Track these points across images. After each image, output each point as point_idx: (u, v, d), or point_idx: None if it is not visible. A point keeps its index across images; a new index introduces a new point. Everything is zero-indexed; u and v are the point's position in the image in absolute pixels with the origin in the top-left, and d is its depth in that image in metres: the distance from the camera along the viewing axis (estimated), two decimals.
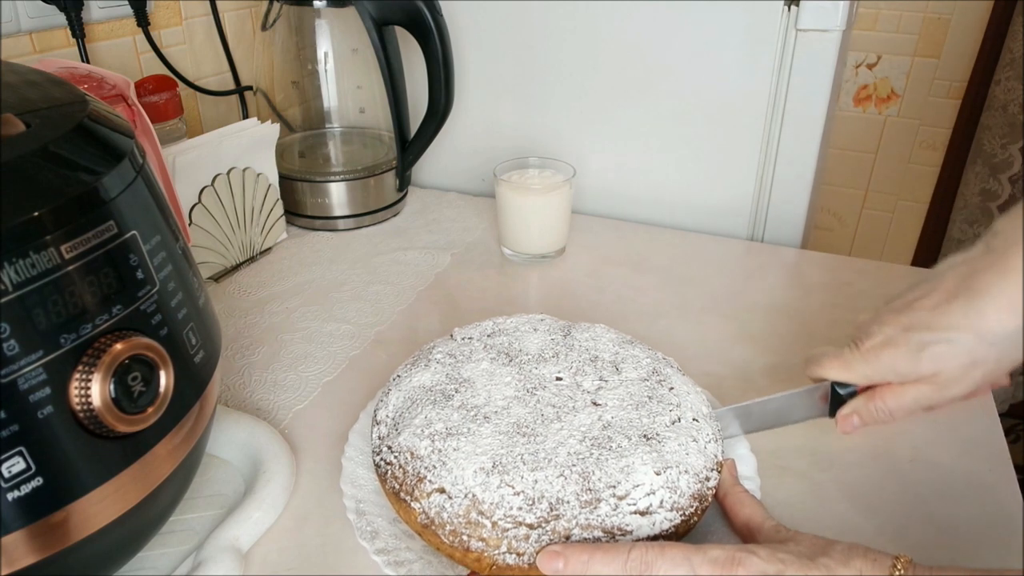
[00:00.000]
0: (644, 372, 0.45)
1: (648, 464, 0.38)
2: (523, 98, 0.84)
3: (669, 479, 0.38)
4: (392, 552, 0.40)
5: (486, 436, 0.40)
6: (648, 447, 0.39)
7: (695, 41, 0.74)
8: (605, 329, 0.50)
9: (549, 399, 0.43)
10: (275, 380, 0.57)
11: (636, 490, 0.37)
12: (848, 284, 0.70)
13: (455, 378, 0.45)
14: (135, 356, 0.31)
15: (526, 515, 0.37)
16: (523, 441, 0.39)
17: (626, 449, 0.39)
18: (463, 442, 0.40)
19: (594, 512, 0.37)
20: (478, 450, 0.39)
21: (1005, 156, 1.35)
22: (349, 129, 0.87)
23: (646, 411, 0.42)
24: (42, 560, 0.29)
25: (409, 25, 0.72)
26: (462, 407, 0.42)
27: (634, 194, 0.84)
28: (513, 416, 0.41)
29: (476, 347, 0.48)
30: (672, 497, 0.38)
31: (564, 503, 0.37)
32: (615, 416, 0.41)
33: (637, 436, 0.40)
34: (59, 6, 0.65)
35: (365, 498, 0.44)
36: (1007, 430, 1.39)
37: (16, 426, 0.27)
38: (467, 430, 0.40)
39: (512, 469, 0.38)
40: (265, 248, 0.76)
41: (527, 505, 0.37)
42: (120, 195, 0.32)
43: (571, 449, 0.39)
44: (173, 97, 0.69)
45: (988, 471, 0.48)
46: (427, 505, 0.38)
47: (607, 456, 0.39)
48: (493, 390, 0.43)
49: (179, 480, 0.38)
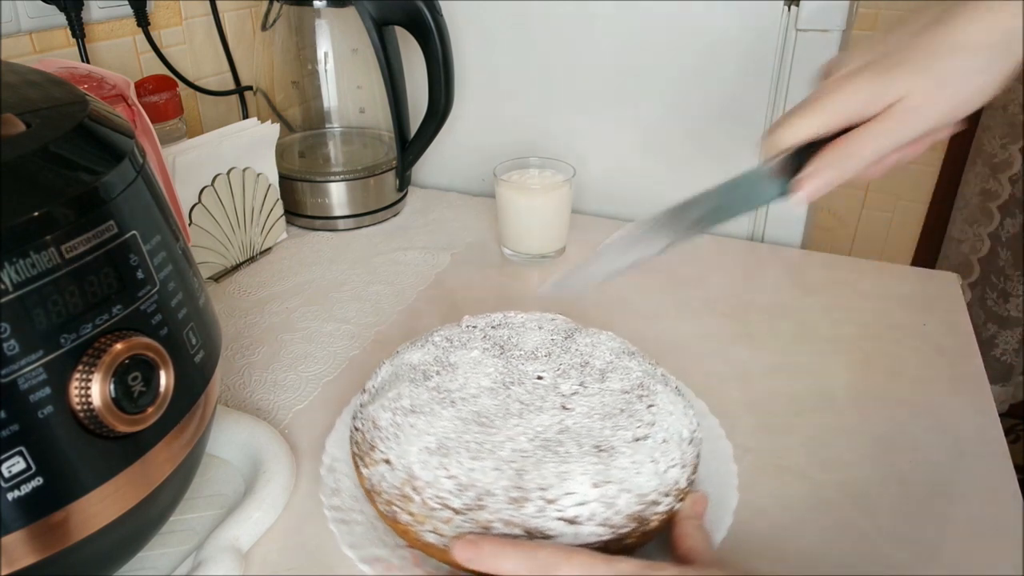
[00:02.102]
0: (629, 384, 0.44)
1: (588, 475, 0.37)
2: (523, 98, 0.84)
3: (606, 494, 0.37)
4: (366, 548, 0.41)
5: (444, 419, 0.41)
6: (596, 458, 0.38)
7: (695, 41, 0.74)
8: (610, 337, 0.49)
9: (520, 395, 0.43)
10: (275, 380, 0.57)
11: (567, 497, 0.37)
12: (848, 284, 0.70)
13: (442, 361, 0.46)
14: (135, 356, 0.31)
15: (453, 500, 0.38)
16: (476, 430, 0.40)
17: (572, 456, 0.38)
18: (421, 420, 0.41)
19: (519, 510, 0.37)
20: (431, 430, 0.40)
21: (1005, 156, 1.35)
22: (349, 129, 0.87)
23: (612, 423, 0.41)
24: (42, 560, 0.29)
25: (409, 25, 0.72)
26: (435, 388, 0.43)
27: (634, 194, 0.84)
28: (478, 405, 0.42)
29: (475, 336, 0.49)
30: (605, 512, 0.37)
31: (491, 495, 0.37)
32: (577, 422, 0.41)
33: (589, 446, 0.39)
34: (59, 6, 0.65)
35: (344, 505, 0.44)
36: (1007, 430, 1.39)
37: (16, 426, 0.27)
38: (430, 410, 0.42)
39: (453, 454, 0.39)
40: (265, 248, 0.76)
41: (456, 490, 0.38)
42: (120, 195, 0.32)
43: (518, 446, 0.39)
44: (173, 97, 0.69)
45: (988, 471, 0.48)
46: (373, 472, 0.41)
47: (549, 459, 0.38)
48: (471, 378, 0.44)
49: (179, 480, 0.38)
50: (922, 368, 0.58)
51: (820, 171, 0.39)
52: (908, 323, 0.64)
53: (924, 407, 0.54)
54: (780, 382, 0.56)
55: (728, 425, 0.51)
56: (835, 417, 0.53)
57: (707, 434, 0.48)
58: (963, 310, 0.65)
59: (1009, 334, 1.42)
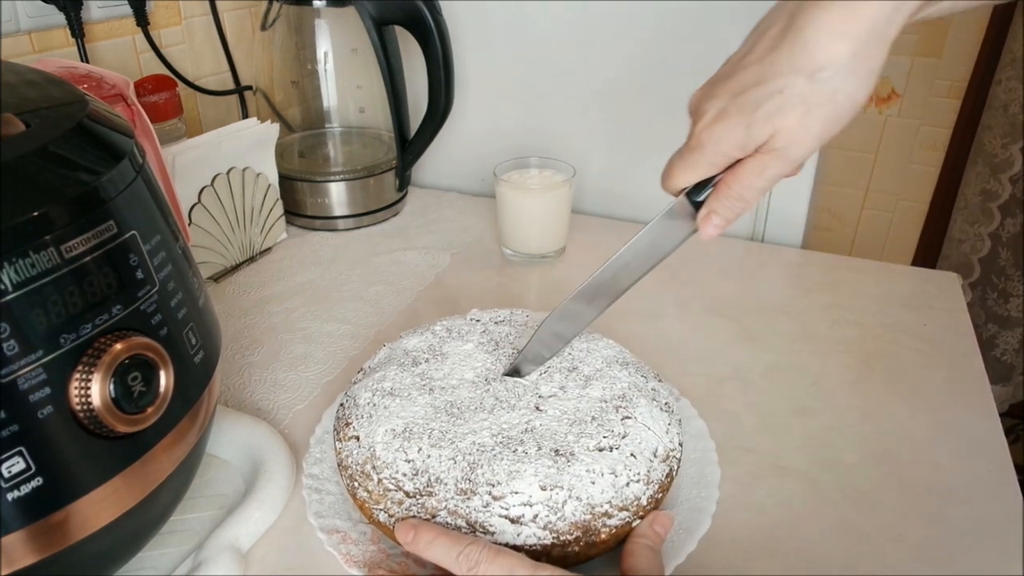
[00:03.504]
0: (610, 394, 0.43)
1: (538, 477, 0.37)
2: (523, 98, 0.84)
3: (554, 498, 0.37)
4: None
5: (418, 405, 0.42)
6: (551, 462, 0.38)
7: (695, 41, 0.74)
8: (608, 344, 0.48)
9: (498, 392, 0.43)
10: (275, 380, 0.57)
11: (513, 496, 0.37)
12: (848, 284, 0.70)
13: (435, 349, 0.47)
14: (135, 356, 0.31)
15: (407, 483, 0.39)
16: (445, 419, 0.41)
17: (528, 456, 0.38)
18: (396, 403, 0.42)
19: (465, 502, 0.37)
20: (402, 413, 0.42)
21: (1006, 156, 1.35)
22: (349, 129, 0.87)
23: (579, 430, 0.40)
24: (42, 560, 0.29)
25: (409, 25, 0.72)
26: (420, 375, 0.45)
27: (634, 194, 0.84)
28: (455, 396, 0.43)
29: (475, 329, 0.50)
30: (550, 517, 0.37)
31: (441, 484, 0.38)
32: (544, 424, 0.41)
33: (548, 449, 0.39)
34: (58, 6, 0.65)
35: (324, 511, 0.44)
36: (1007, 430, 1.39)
37: (16, 426, 0.27)
38: (407, 395, 0.43)
39: (415, 439, 0.40)
40: (265, 248, 0.76)
41: (411, 474, 0.39)
42: (120, 195, 0.32)
43: (478, 439, 0.40)
44: (173, 97, 0.69)
45: (988, 471, 0.48)
46: (343, 447, 0.42)
47: (505, 456, 0.39)
48: (456, 369, 0.45)
49: (179, 480, 0.38)
50: (922, 368, 0.58)
51: (716, 212, 0.40)
52: (908, 323, 0.64)
53: (924, 407, 0.54)
54: (780, 382, 0.56)
55: (728, 425, 0.51)
56: (835, 417, 0.53)
57: (700, 456, 0.46)
58: (963, 310, 0.65)
59: (1009, 334, 1.42)
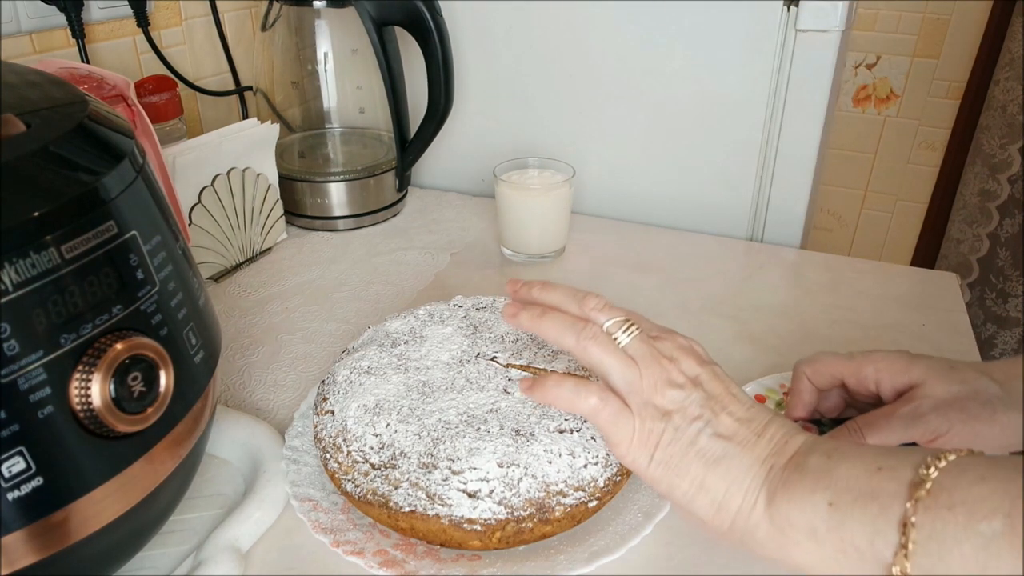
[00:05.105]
0: (577, 371, 0.45)
1: (496, 455, 0.39)
2: (523, 98, 0.84)
3: (509, 476, 0.39)
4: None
5: (392, 383, 0.44)
6: (511, 440, 0.40)
7: (695, 41, 0.74)
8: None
9: (470, 373, 0.45)
10: (275, 380, 0.57)
11: (471, 472, 0.39)
12: (848, 284, 0.70)
13: (415, 332, 0.49)
14: (135, 356, 0.31)
15: (373, 455, 0.41)
16: (416, 397, 0.43)
17: (490, 435, 0.40)
18: (371, 381, 0.44)
19: (426, 475, 0.39)
20: (376, 390, 0.43)
21: (1004, 156, 1.35)
22: (349, 129, 0.87)
23: (542, 412, 0.42)
24: (42, 560, 0.29)
25: (409, 25, 0.72)
26: (398, 355, 0.47)
27: (634, 194, 0.84)
28: (428, 376, 0.45)
29: (456, 314, 0.51)
30: (505, 493, 0.38)
31: (405, 457, 0.40)
32: (509, 405, 0.42)
33: (510, 428, 0.41)
34: (59, 6, 0.65)
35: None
36: None
37: (16, 426, 0.27)
38: (382, 374, 0.45)
39: (385, 415, 0.42)
40: (265, 248, 0.76)
41: (377, 447, 0.41)
42: (120, 195, 0.32)
43: (445, 417, 0.41)
44: (173, 97, 0.69)
45: None
46: (319, 421, 0.44)
47: (467, 434, 0.40)
48: (433, 351, 0.47)
49: (179, 480, 0.38)
50: None
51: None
52: (907, 323, 0.64)
53: None
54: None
55: None
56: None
57: None
58: (962, 310, 0.66)
59: (1008, 334, 1.42)
